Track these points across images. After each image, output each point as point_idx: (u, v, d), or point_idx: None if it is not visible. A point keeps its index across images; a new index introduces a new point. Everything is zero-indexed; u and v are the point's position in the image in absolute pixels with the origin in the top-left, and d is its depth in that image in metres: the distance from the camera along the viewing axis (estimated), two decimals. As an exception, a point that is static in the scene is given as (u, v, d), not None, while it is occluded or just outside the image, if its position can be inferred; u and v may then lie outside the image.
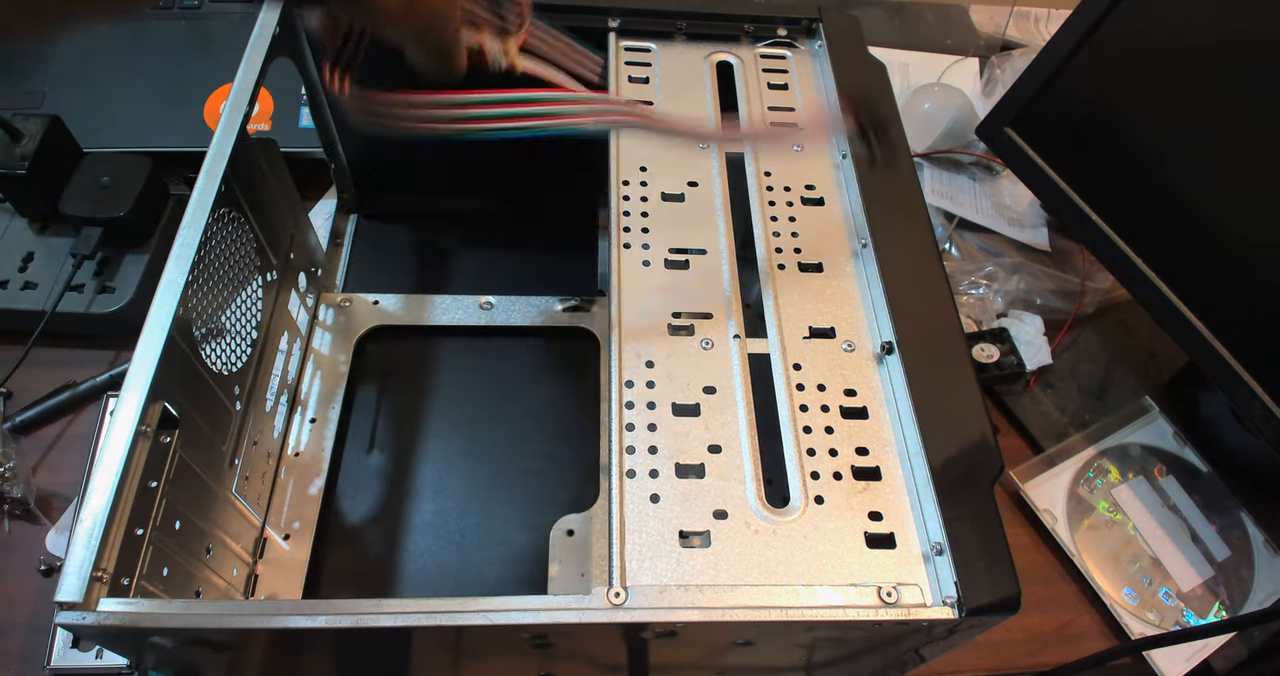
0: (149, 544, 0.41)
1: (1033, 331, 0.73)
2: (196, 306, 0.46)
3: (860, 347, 0.45)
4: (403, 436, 0.62)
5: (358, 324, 0.65)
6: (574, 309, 0.67)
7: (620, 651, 0.42)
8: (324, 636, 0.36)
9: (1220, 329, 0.61)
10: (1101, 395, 0.75)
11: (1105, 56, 0.63)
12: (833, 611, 0.37)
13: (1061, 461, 0.69)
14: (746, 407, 0.43)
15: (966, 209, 0.83)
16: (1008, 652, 0.62)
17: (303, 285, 0.63)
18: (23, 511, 0.59)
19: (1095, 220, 0.67)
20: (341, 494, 0.59)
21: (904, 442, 0.42)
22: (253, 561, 0.54)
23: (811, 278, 0.48)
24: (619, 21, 0.57)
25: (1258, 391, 0.59)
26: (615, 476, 0.40)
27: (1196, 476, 0.70)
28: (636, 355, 0.44)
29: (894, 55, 0.97)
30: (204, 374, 0.48)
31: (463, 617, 0.35)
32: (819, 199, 0.51)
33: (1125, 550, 0.66)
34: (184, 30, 0.80)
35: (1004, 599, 0.37)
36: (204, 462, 0.47)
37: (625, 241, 0.48)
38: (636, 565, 0.38)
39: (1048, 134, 0.69)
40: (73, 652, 0.52)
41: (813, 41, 0.59)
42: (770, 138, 0.53)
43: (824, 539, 0.39)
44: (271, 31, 0.53)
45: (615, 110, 0.47)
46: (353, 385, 0.63)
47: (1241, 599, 0.65)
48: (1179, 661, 0.61)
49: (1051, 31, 0.79)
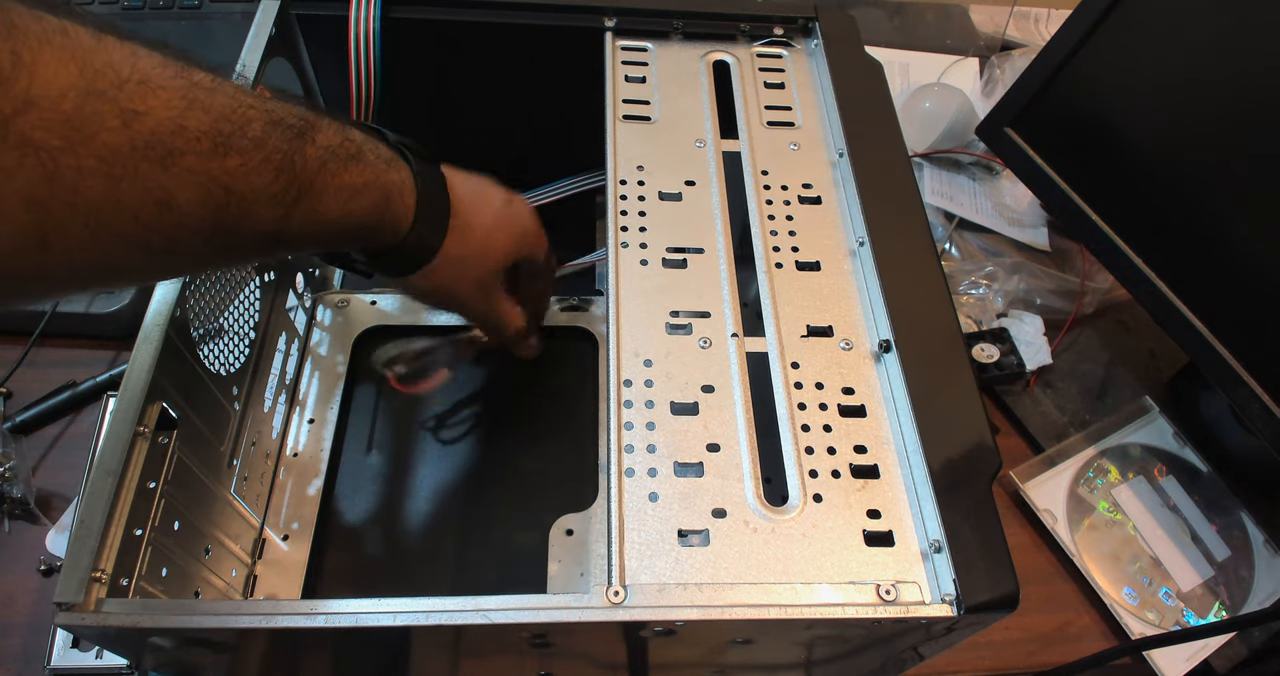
0: (148, 544, 0.41)
1: (1033, 331, 0.73)
2: (194, 307, 0.46)
3: (858, 346, 0.45)
4: (401, 436, 0.62)
5: (355, 324, 0.65)
6: (572, 308, 0.67)
7: (619, 650, 0.42)
8: (323, 636, 0.36)
9: (1220, 329, 0.61)
10: (1101, 395, 0.75)
11: (1105, 56, 0.63)
12: (831, 609, 0.36)
13: (1061, 461, 0.69)
14: (745, 406, 0.43)
15: (966, 209, 0.83)
16: (1008, 652, 0.62)
17: (300, 285, 0.63)
18: (23, 511, 0.59)
19: (1095, 220, 0.67)
20: (340, 494, 0.59)
21: (902, 440, 0.42)
22: (251, 562, 0.54)
23: (809, 276, 0.48)
24: (615, 21, 0.57)
25: (1258, 391, 0.59)
26: (614, 475, 0.40)
27: (1196, 476, 0.70)
28: (634, 354, 0.44)
29: (894, 55, 0.97)
30: (202, 374, 0.48)
31: (462, 617, 0.35)
32: (816, 197, 0.51)
33: (1125, 550, 0.66)
34: (184, 30, 0.80)
35: (1003, 596, 0.37)
36: (202, 463, 0.47)
37: (623, 240, 0.48)
38: (635, 564, 0.37)
39: (1048, 134, 0.69)
40: (73, 652, 0.52)
41: (809, 41, 0.59)
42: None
43: (822, 537, 0.39)
44: (268, 32, 0.53)
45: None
46: (351, 385, 0.63)
47: (1241, 599, 0.65)
48: (1179, 661, 0.61)
49: (1051, 31, 0.79)
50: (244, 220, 0.34)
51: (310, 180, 0.36)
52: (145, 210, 0.30)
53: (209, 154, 0.32)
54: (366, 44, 0.56)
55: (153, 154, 0.30)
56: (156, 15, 0.80)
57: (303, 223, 0.37)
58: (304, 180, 0.36)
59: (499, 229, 0.50)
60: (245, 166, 0.33)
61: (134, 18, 0.81)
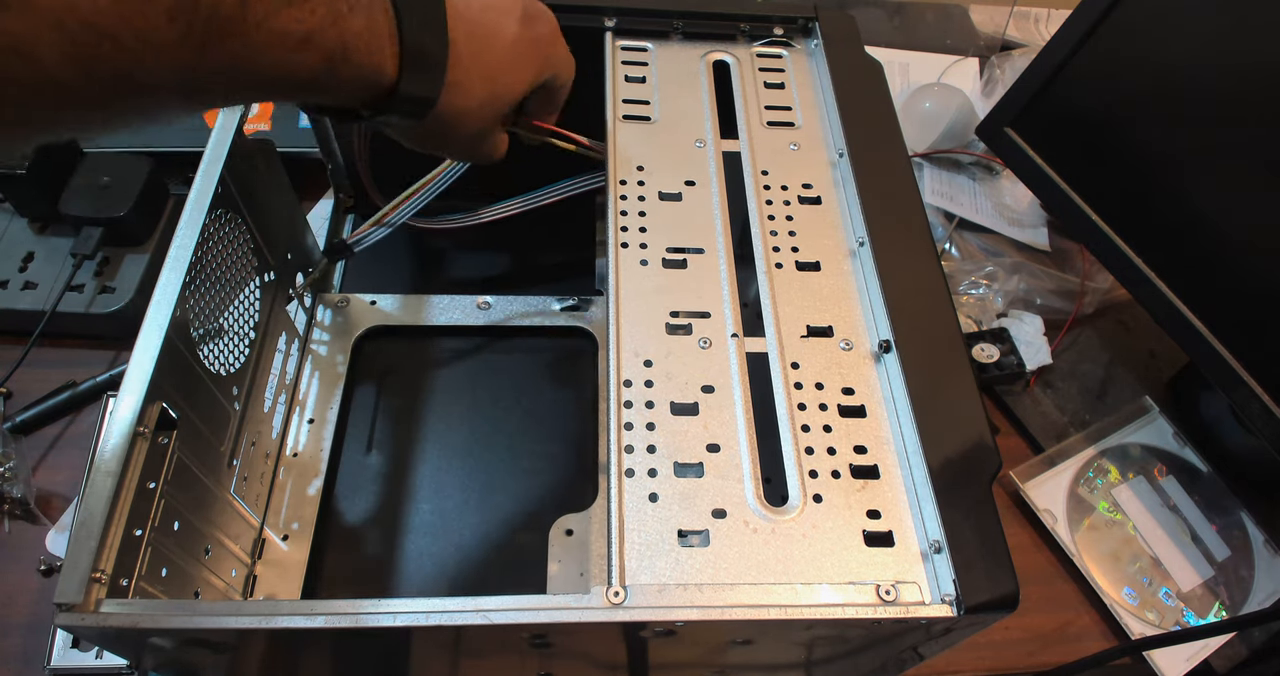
0: (147, 544, 0.41)
1: (1033, 331, 0.73)
2: (194, 307, 0.46)
3: (858, 346, 0.45)
4: (401, 436, 0.62)
5: (355, 324, 0.65)
6: (572, 308, 0.67)
7: (619, 650, 0.42)
8: (323, 636, 0.36)
9: (1220, 329, 0.61)
10: (1101, 395, 0.75)
11: (1105, 56, 0.63)
12: (831, 609, 0.36)
13: (1061, 461, 0.69)
14: (745, 406, 0.43)
15: (966, 209, 0.83)
16: (1008, 652, 0.62)
17: (300, 285, 0.63)
18: (23, 511, 0.59)
19: (1095, 220, 0.67)
20: (340, 494, 0.59)
21: (902, 440, 0.42)
22: (251, 562, 0.54)
23: (809, 276, 0.48)
24: (615, 21, 0.57)
25: (1258, 391, 0.59)
26: (614, 475, 0.40)
27: (1196, 476, 0.70)
28: (634, 354, 0.44)
29: (894, 55, 0.97)
30: (202, 374, 0.48)
31: (462, 617, 0.35)
32: (816, 198, 0.51)
33: (1125, 550, 0.66)
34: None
35: (1002, 596, 0.37)
36: (202, 463, 0.47)
37: (623, 241, 0.48)
38: (635, 564, 0.37)
39: (1048, 134, 0.69)
40: (73, 652, 0.52)
41: (809, 41, 0.59)
42: None
43: (822, 537, 0.39)
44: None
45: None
46: (351, 385, 0.63)
47: (1241, 599, 0.65)
48: (1179, 661, 0.61)
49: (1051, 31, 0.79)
50: (128, 72, 0.28)
51: (221, 26, 0.29)
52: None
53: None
54: None
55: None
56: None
57: (216, 77, 0.30)
58: (214, 25, 0.29)
59: (511, 68, 0.42)
60: (123, 4, 0.27)
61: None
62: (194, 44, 0.29)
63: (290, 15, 0.31)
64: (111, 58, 0.27)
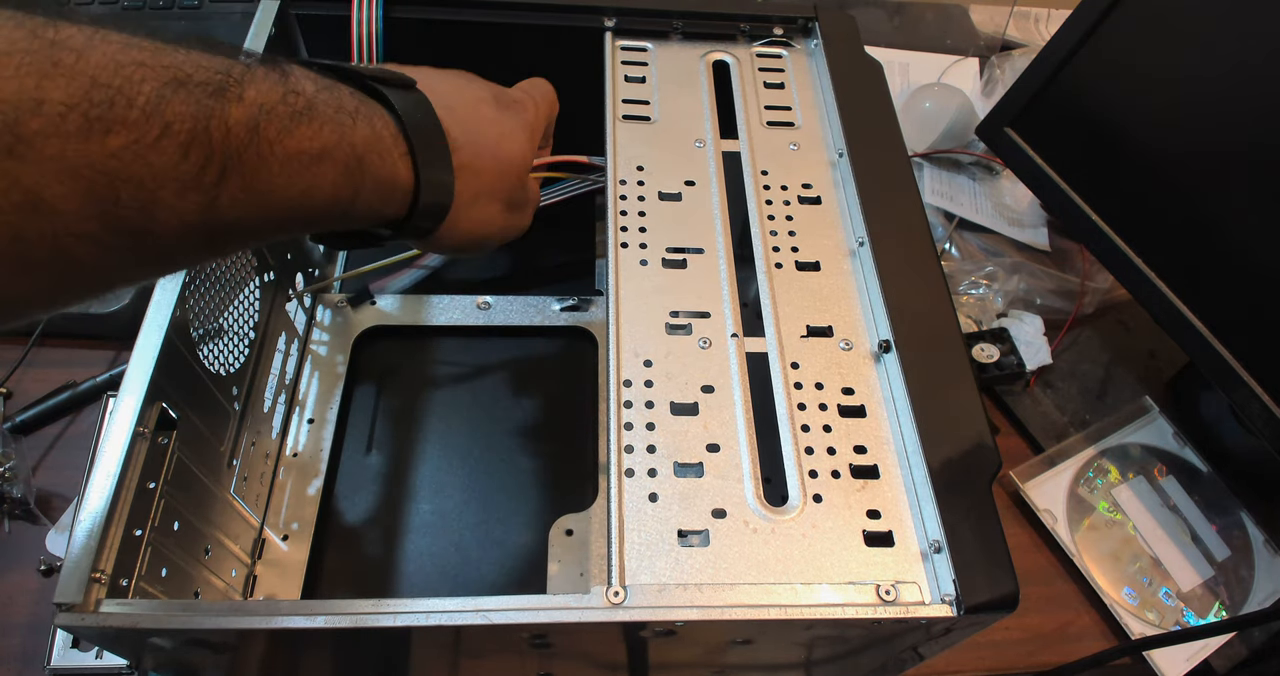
0: (147, 544, 0.41)
1: (1033, 331, 0.73)
2: (194, 307, 0.46)
3: (858, 346, 0.45)
4: (401, 437, 0.62)
5: (355, 324, 0.65)
6: (571, 308, 0.67)
7: (619, 650, 0.42)
8: (323, 637, 0.36)
9: (1220, 329, 0.61)
10: (1101, 395, 0.75)
11: (1105, 56, 0.63)
12: (831, 609, 0.36)
13: (1061, 461, 0.69)
14: (744, 406, 0.43)
15: (966, 209, 0.83)
16: (1008, 652, 0.62)
17: (300, 285, 0.63)
18: (23, 511, 0.59)
19: (1095, 220, 0.67)
20: (340, 494, 0.59)
21: (902, 440, 0.42)
22: (251, 562, 0.54)
23: (809, 276, 0.48)
24: (615, 21, 0.57)
25: (1258, 391, 0.59)
26: (614, 475, 0.40)
27: (1196, 476, 0.70)
28: (634, 354, 0.44)
29: (894, 55, 0.97)
30: (202, 375, 0.48)
31: (462, 617, 0.35)
32: (816, 197, 0.51)
33: (1125, 550, 0.66)
34: (184, 30, 0.80)
35: (1002, 596, 0.37)
36: (202, 463, 0.47)
37: (623, 241, 0.48)
38: (635, 564, 0.37)
39: (1048, 134, 0.69)
40: (73, 652, 0.52)
41: (809, 41, 0.59)
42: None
43: (822, 537, 0.39)
44: (267, 32, 0.53)
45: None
46: (350, 385, 0.63)
47: (1241, 599, 0.65)
48: (1179, 661, 0.61)
49: (1051, 31, 0.79)
50: (151, 214, 0.27)
51: (238, 152, 0.29)
52: (7, 215, 0.24)
53: (79, 134, 0.25)
54: (369, 44, 0.56)
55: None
56: (156, 15, 0.80)
57: (240, 207, 0.30)
58: (230, 151, 0.29)
59: (507, 139, 0.43)
60: (137, 144, 0.26)
61: (133, 18, 0.81)
62: (212, 176, 0.28)
63: (302, 133, 0.32)
64: (131, 200, 0.27)
